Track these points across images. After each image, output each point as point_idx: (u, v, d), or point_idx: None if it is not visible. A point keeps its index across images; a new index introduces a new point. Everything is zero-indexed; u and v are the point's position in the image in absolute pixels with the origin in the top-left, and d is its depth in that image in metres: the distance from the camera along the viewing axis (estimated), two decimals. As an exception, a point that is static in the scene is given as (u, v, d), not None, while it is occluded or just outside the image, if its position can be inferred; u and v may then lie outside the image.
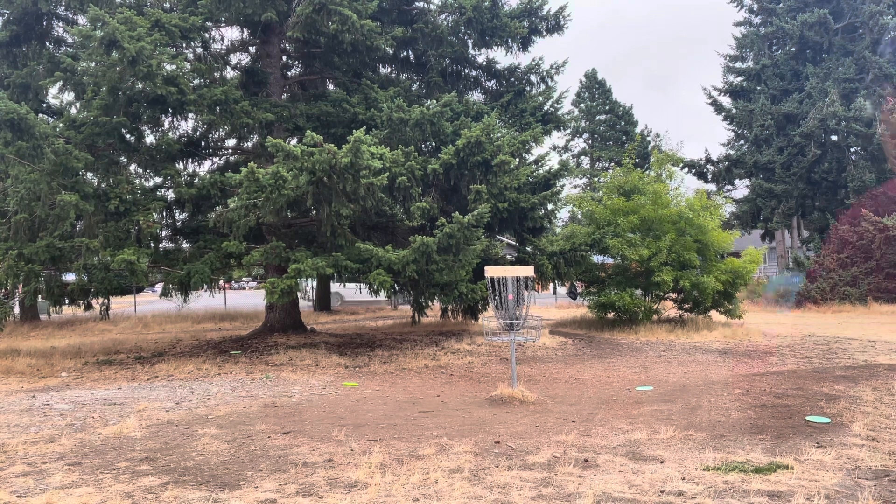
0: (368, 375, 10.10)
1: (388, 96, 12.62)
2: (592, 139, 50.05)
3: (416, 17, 13.84)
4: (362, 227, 12.88)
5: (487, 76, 15.42)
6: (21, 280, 10.67)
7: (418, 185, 11.16)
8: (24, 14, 13.25)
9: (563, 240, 14.30)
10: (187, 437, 6.15)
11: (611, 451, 5.42)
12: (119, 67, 10.42)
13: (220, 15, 12.23)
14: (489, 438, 5.90)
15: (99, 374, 10.66)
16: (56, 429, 6.52)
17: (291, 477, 4.81)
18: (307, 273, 10.44)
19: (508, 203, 12.26)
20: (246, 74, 13.36)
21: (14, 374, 10.74)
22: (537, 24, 14.22)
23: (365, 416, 7.12)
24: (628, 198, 16.04)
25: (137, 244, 11.15)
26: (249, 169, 9.86)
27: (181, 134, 14.14)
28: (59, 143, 10.41)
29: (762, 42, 31.10)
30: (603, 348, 12.75)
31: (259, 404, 7.79)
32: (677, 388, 8.63)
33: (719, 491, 4.30)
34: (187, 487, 4.60)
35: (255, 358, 11.43)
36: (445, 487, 4.49)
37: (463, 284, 11.48)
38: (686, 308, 16.33)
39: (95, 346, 14.10)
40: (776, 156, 29.19)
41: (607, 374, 10.07)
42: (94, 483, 4.73)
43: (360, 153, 9.59)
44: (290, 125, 12.99)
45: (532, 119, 14.24)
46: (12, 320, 18.68)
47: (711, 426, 6.28)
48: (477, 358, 11.58)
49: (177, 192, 12.22)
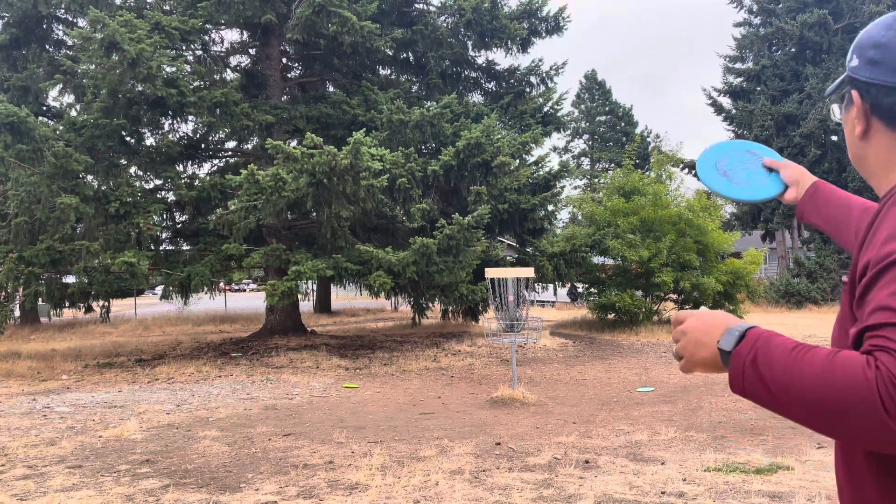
0: (369, 377, 10.09)
1: (387, 98, 12.62)
2: (592, 140, 50.04)
3: (415, 19, 13.85)
4: (362, 229, 12.88)
5: (487, 78, 15.43)
6: (21, 283, 10.68)
7: (418, 186, 11.16)
8: (24, 17, 13.25)
9: (564, 241, 14.30)
10: (188, 439, 6.14)
11: (612, 452, 5.41)
12: (119, 70, 10.42)
13: (219, 17, 12.24)
14: (490, 440, 5.89)
15: (99, 376, 10.65)
16: (57, 431, 6.52)
17: (292, 479, 4.80)
18: (307, 275, 10.44)
19: (508, 204, 12.26)
20: (246, 76, 13.37)
21: (14, 376, 10.73)
22: (537, 25, 14.23)
23: (365, 417, 7.11)
24: (628, 199, 16.03)
25: (138, 246, 11.15)
26: (249, 171, 9.86)
27: (181, 136, 14.16)
28: (59, 146, 10.42)
29: (762, 43, 31.10)
30: (603, 349, 12.74)
31: (259, 406, 7.78)
32: (678, 389, 8.63)
33: (720, 492, 4.29)
34: (188, 490, 4.60)
35: (255, 360, 11.43)
36: (446, 489, 4.48)
37: (463, 286, 11.48)
38: (687, 309, 16.32)
39: (96, 349, 14.09)
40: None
41: (608, 375, 10.07)
42: (94, 486, 4.73)
43: (360, 155, 9.59)
44: (290, 127, 12.99)
45: (532, 120, 14.25)
46: (13, 323, 18.66)
47: (712, 427, 6.27)
48: (477, 359, 11.57)
49: (177, 194, 12.22)
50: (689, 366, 1.08)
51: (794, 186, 1.47)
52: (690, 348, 1.06)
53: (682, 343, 1.08)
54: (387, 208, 11.42)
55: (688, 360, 1.07)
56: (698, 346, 1.05)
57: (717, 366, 1.03)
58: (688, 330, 1.07)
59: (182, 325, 20.29)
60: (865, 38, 1.10)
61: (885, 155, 1.09)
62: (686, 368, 1.09)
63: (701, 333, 1.05)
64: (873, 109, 1.08)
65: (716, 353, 1.02)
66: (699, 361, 1.05)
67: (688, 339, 1.07)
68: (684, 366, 1.09)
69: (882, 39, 1.07)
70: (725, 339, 1.00)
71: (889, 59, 1.05)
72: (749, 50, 32.10)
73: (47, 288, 11.61)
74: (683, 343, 1.08)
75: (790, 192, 1.47)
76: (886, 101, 1.06)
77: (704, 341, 1.04)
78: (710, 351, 1.03)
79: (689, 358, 1.07)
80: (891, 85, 1.05)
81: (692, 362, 1.07)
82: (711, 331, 1.03)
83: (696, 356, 1.05)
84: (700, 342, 1.05)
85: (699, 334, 1.05)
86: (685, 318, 1.09)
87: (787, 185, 1.47)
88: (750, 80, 31.45)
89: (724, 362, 1.00)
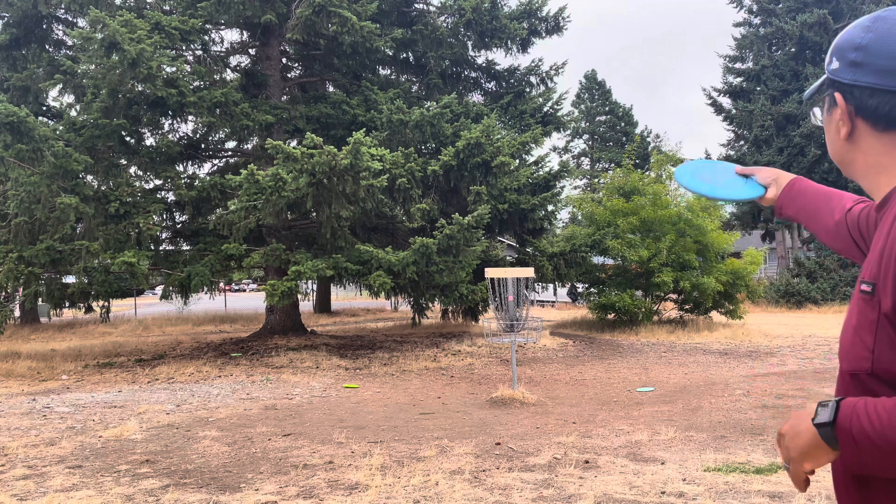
0: (369, 377, 10.09)
1: (387, 98, 12.62)
2: (592, 140, 50.03)
3: (415, 19, 13.85)
4: (362, 229, 12.88)
5: (487, 77, 15.43)
6: (21, 283, 10.68)
7: (418, 186, 11.16)
8: (24, 17, 13.25)
9: (564, 241, 14.31)
10: (188, 439, 6.14)
11: (611, 452, 5.41)
12: (119, 70, 10.42)
13: (219, 17, 12.24)
14: (490, 440, 5.89)
15: (99, 376, 10.65)
16: (56, 432, 6.52)
17: (292, 479, 4.81)
18: (307, 275, 10.44)
19: (508, 204, 12.26)
20: (246, 76, 13.37)
21: (14, 376, 10.73)
22: (537, 25, 14.23)
23: (365, 417, 7.11)
24: (628, 199, 16.03)
25: (137, 246, 11.15)
26: (249, 171, 9.86)
27: (181, 136, 14.16)
28: (59, 146, 10.42)
29: (762, 42, 31.09)
30: (603, 349, 12.74)
31: (259, 406, 7.78)
32: (678, 389, 8.63)
33: (720, 492, 4.29)
34: (188, 490, 4.60)
35: (255, 360, 11.43)
36: (446, 489, 4.48)
37: (463, 286, 11.48)
38: (686, 309, 16.32)
39: (96, 349, 14.09)
40: (776, 156, 29.20)
41: (608, 375, 10.07)
42: (94, 486, 4.73)
43: (360, 155, 9.59)
44: (290, 127, 12.99)
45: (532, 120, 14.25)
46: (13, 323, 18.67)
47: (712, 427, 6.27)
48: (477, 359, 11.57)
49: (177, 194, 12.22)
50: (795, 461, 1.05)
51: (774, 185, 1.50)
52: (790, 444, 1.05)
53: (784, 445, 1.07)
54: (387, 208, 11.41)
55: (793, 457, 1.05)
56: (796, 437, 1.03)
57: (821, 447, 0.99)
58: (785, 432, 1.07)
59: (182, 325, 20.29)
60: (844, 41, 1.12)
61: (872, 156, 1.10)
62: (795, 469, 1.06)
63: (795, 425, 1.04)
64: (857, 111, 1.10)
65: (814, 432, 1.00)
66: (801, 449, 1.03)
67: (787, 439, 1.06)
68: (792, 465, 1.06)
69: (862, 42, 1.08)
70: (821, 413, 0.99)
71: (871, 60, 1.07)
72: (749, 50, 32.09)
73: (47, 288, 11.61)
74: (784, 445, 1.07)
75: (770, 190, 1.50)
76: (871, 102, 1.07)
77: (800, 429, 1.03)
78: (809, 432, 1.01)
79: (792, 453, 1.05)
80: (874, 86, 1.06)
81: (796, 455, 1.05)
82: (803, 417, 1.03)
83: (797, 445, 1.03)
84: (797, 432, 1.03)
85: (793, 428, 1.05)
86: (781, 429, 1.09)
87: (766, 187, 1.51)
88: (750, 79, 31.44)
89: (826, 440, 0.98)
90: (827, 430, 0.97)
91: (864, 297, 1.03)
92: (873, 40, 1.07)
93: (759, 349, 12.23)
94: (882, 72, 1.05)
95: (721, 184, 1.53)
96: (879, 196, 1.11)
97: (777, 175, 1.51)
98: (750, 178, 1.53)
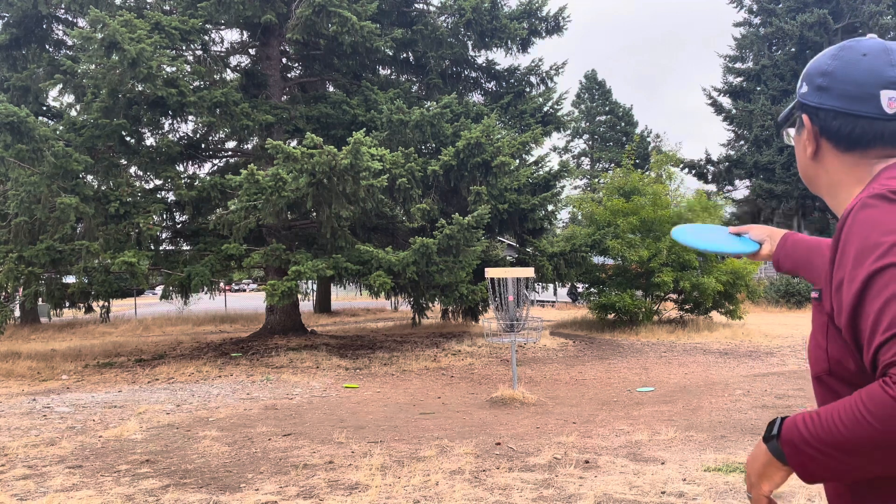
0: (369, 377, 10.09)
1: (387, 98, 12.62)
2: (592, 140, 50.03)
3: (415, 19, 13.85)
4: (362, 229, 12.88)
5: (487, 77, 15.43)
6: (21, 283, 10.67)
7: (418, 186, 11.16)
8: (24, 17, 13.25)
9: (564, 241, 14.30)
10: (188, 439, 6.14)
11: (612, 452, 5.41)
12: (119, 69, 10.42)
13: (219, 17, 12.24)
14: (490, 440, 5.89)
15: (99, 376, 10.65)
16: (57, 431, 6.52)
17: (292, 479, 4.81)
18: (307, 275, 10.44)
19: (508, 204, 12.26)
20: (246, 76, 13.37)
21: (14, 376, 10.74)
22: (537, 25, 14.23)
23: (365, 417, 7.11)
24: (628, 199, 16.03)
25: (138, 246, 11.15)
26: (249, 171, 9.86)
27: (181, 136, 14.16)
28: (59, 146, 10.42)
29: (762, 42, 31.11)
30: (603, 349, 12.74)
31: (259, 406, 7.78)
32: (678, 388, 8.63)
33: (720, 492, 4.29)
34: (188, 490, 4.60)
35: (255, 360, 11.43)
36: (446, 489, 4.48)
37: (463, 286, 11.48)
38: (686, 309, 16.32)
39: (96, 349, 14.09)
40: (776, 156, 29.20)
41: (608, 375, 10.07)
42: (94, 486, 4.73)
43: (360, 155, 9.59)
44: (290, 127, 12.99)
45: (532, 120, 14.24)
46: (13, 323, 18.68)
47: (712, 427, 6.27)
48: (477, 359, 11.57)
49: (177, 194, 12.22)
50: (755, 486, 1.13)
51: (768, 241, 1.57)
52: (749, 469, 1.13)
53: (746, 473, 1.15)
54: (387, 208, 11.40)
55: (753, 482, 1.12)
56: (754, 461, 1.11)
57: (773, 463, 1.06)
58: (747, 460, 1.15)
59: (182, 326, 20.30)
60: (814, 68, 1.21)
61: (834, 174, 1.20)
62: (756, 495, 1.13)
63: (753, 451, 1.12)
64: (822, 132, 1.19)
65: (765, 450, 1.07)
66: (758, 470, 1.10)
67: (747, 465, 1.14)
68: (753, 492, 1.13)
69: (828, 68, 1.18)
70: (768, 430, 1.06)
71: (835, 85, 1.16)
72: (749, 50, 32.10)
73: (47, 288, 11.61)
74: (747, 473, 1.15)
75: (765, 246, 1.57)
76: (833, 123, 1.16)
77: (757, 452, 1.10)
78: (761, 451, 1.08)
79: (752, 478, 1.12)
80: (837, 109, 1.15)
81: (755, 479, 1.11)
82: (758, 443, 1.10)
83: (754, 469, 1.11)
84: (754, 456, 1.11)
85: (752, 454, 1.12)
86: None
87: (761, 243, 1.59)
88: (750, 79, 31.45)
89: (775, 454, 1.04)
90: (773, 443, 1.04)
91: (815, 302, 1.13)
92: (838, 67, 1.16)
93: (759, 349, 12.23)
94: (845, 97, 1.14)
95: (717, 241, 1.64)
96: (839, 211, 1.19)
97: (770, 232, 1.59)
98: (743, 235, 1.63)
